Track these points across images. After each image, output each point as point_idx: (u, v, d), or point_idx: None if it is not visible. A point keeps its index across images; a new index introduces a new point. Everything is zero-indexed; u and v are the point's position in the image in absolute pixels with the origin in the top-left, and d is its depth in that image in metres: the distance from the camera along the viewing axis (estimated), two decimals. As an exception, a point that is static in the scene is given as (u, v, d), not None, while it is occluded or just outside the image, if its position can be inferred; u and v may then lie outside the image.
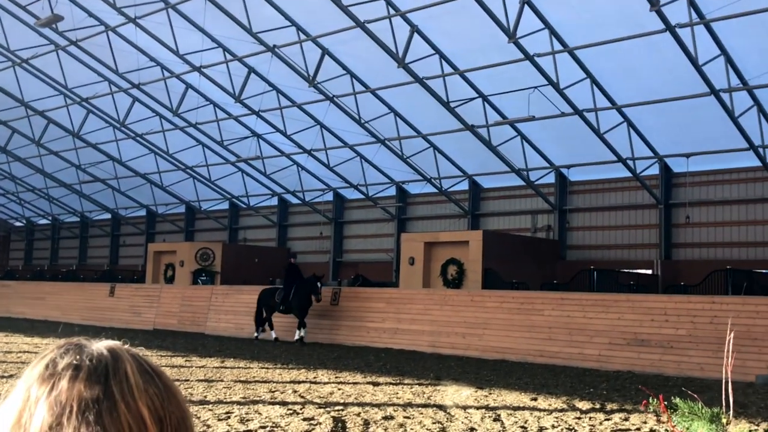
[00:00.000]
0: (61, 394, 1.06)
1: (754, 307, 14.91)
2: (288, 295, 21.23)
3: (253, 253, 35.59)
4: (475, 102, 25.22)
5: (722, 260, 24.13)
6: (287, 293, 21.26)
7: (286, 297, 21.23)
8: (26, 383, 1.09)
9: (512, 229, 30.23)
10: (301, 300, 20.99)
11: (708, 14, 18.46)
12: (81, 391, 1.06)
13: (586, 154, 26.67)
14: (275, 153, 33.07)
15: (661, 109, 23.05)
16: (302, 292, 21.05)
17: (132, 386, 1.09)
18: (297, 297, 21.03)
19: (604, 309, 16.69)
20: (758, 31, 19.05)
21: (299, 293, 21.01)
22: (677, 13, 18.36)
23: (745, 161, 24.35)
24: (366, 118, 27.88)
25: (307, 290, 21.01)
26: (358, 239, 35.76)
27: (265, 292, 22.46)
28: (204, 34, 26.20)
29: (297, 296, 21.04)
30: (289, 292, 21.24)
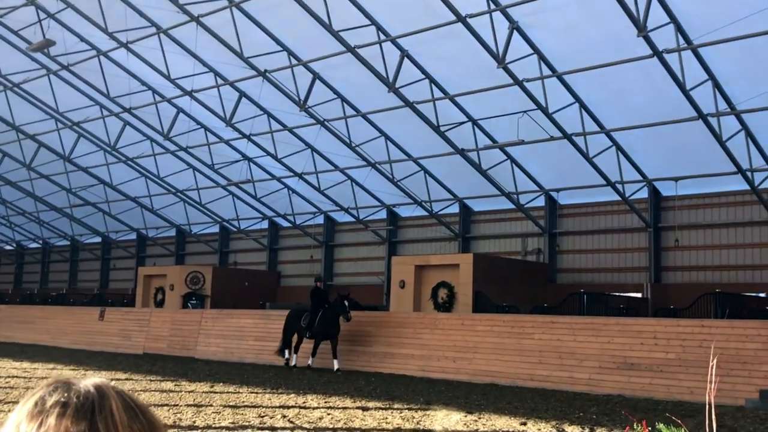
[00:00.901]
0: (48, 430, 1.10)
1: (742, 331, 14.96)
2: (313, 320, 20.45)
3: (244, 276, 35.50)
4: (465, 126, 25.37)
5: (711, 283, 24.23)
6: (312, 319, 20.50)
7: (311, 323, 20.48)
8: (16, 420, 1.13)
9: (502, 252, 30.28)
10: (326, 326, 20.05)
11: (695, 39, 18.68)
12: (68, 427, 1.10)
13: (575, 177, 26.81)
14: (266, 176, 33.09)
15: (650, 133, 23.23)
16: (329, 316, 20.09)
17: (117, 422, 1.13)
18: (322, 323, 20.18)
19: (594, 332, 16.72)
20: (745, 56, 19.29)
21: (325, 318, 20.15)
22: (665, 39, 18.58)
23: (733, 185, 24.53)
24: (357, 142, 27.98)
25: (334, 314, 20.07)
26: (348, 262, 35.71)
27: (292, 313, 21.53)
28: (195, 59, 26.30)
29: (322, 322, 20.18)
30: (314, 318, 20.45)
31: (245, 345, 23.95)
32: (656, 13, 18.01)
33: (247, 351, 23.73)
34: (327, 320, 20.06)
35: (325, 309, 20.39)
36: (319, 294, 21.26)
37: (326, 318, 20.10)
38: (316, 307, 20.62)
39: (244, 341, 24.06)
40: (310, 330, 20.41)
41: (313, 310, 20.61)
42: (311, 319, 20.44)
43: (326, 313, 20.19)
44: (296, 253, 37.63)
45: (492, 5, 19.67)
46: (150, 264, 41.84)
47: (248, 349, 23.73)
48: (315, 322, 20.29)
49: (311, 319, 20.44)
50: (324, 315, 20.18)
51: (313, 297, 21.13)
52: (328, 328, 20.08)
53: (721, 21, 17.57)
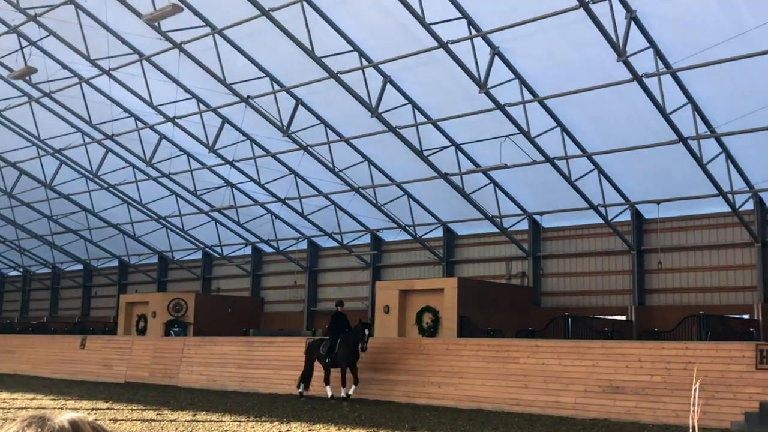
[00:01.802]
0: None
1: (727, 353, 15.01)
2: (333, 347, 19.39)
3: (227, 303, 35.32)
4: (448, 150, 25.47)
5: (695, 305, 24.34)
6: (332, 345, 19.43)
7: (331, 349, 19.40)
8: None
9: (487, 276, 30.31)
10: (347, 352, 19.05)
11: (674, 64, 18.91)
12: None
13: (558, 200, 26.95)
14: (249, 202, 33.00)
15: (631, 156, 23.41)
16: (351, 342, 19.08)
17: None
18: (343, 349, 19.14)
19: (579, 356, 16.71)
20: (723, 79, 19.53)
21: (347, 344, 19.11)
22: (644, 63, 18.79)
23: (714, 207, 24.73)
24: (340, 167, 28.01)
25: (354, 340, 19.06)
26: (332, 288, 35.60)
27: (312, 344, 20.46)
28: (178, 85, 26.27)
29: (343, 348, 19.15)
30: (334, 344, 19.41)
31: (228, 372, 23.75)
32: (635, 38, 18.24)
33: (230, 379, 23.52)
34: (349, 346, 19.03)
35: (346, 334, 19.37)
36: (339, 319, 20.04)
37: (348, 344, 19.09)
38: (336, 333, 19.59)
39: (227, 369, 23.86)
40: (330, 357, 19.30)
41: (333, 336, 19.59)
42: (331, 345, 19.39)
43: (347, 338, 19.17)
44: (279, 278, 37.47)
45: (473, 31, 19.86)
46: (132, 291, 41.50)
47: (231, 377, 23.52)
48: (336, 347, 19.26)
49: (331, 345, 19.39)
50: (345, 341, 19.16)
51: (334, 322, 20.04)
52: (351, 355, 19.06)
53: (699, 46, 17.81)
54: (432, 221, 30.93)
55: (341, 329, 19.60)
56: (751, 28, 17.13)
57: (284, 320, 35.79)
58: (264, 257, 38.60)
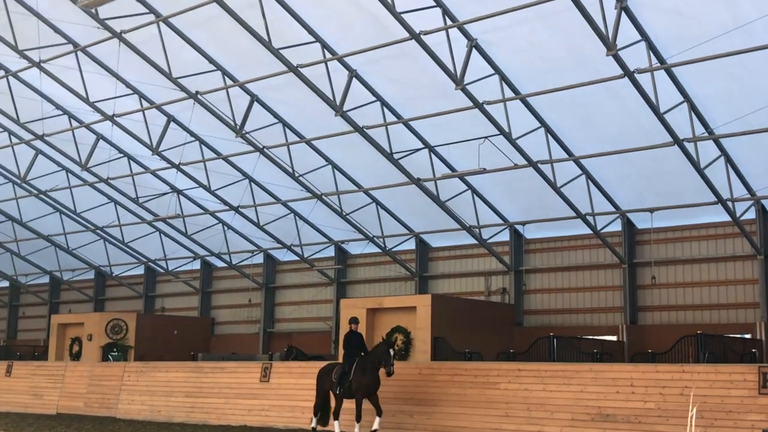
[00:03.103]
0: None
1: (727, 376, 15.18)
2: (347, 373, 17.89)
3: (172, 324, 35.12)
4: (420, 153, 25.57)
5: (692, 324, 24.63)
6: (346, 371, 17.96)
7: (344, 376, 17.92)
8: None
9: (464, 292, 30.42)
10: (362, 378, 17.60)
11: (669, 59, 19.18)
12: None
13: (542, 209, 27.16)
14: (198, 211, 32.84)
15: (622, 160, 23.69)
16: (367, 366, 17.63)
17: None
18: (359, 375, 17.71)
19: (565, 381, 16.84)
20: (722, 76, 19.83)
21: (364, 369, 17.68)
22: (636, 58, 19.03)
23: (713, 216, 25.09)
24: (300, 171, 27.98)
25: (374, 365, 17.59)
26: (291, 306, 35.50)
27: (323, 370, 18.97)
28: (117, 80, 26.11)
29: (359, 374, 17.72)
30: (348, 370, 17.92)
31: (174, 402, 23.57)
32: (626, 31, 18.47)
33: (176, 409, 23.35)
34: (366, 371, 17.51)
35: (362, 357, 17.93)
36: (353, 340, 18.38)
37: (364, 368, 17.56)
38: (351, 357, 18.07)
39: (173, 398, 23.68)
40: (342, 385, 17.87)
41: (347, 361, 18.07)
42: (344, 371, 17.91)
43: (363, 362, 17.71)
44: (232, 296, 37.30)
45: (448, 21, 19.99)
46: (65, 311, 41.14)
47: (178, 407, 23.35)
48: (350, 374, 17.77)
49: (344, 371, 17.91)
50: (361, 365, 17.69)
51: (347, 344, 18.34)
52: (370, 383, 17.56)
53: (696, 39, 18.09)
54: (403, 232, 30.99)
55: (356, 352, 18.12)
56: (752, 20, 17.44)
57: (237, 343, 35.60)
58: (215, 272, 38.39)
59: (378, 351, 17.80)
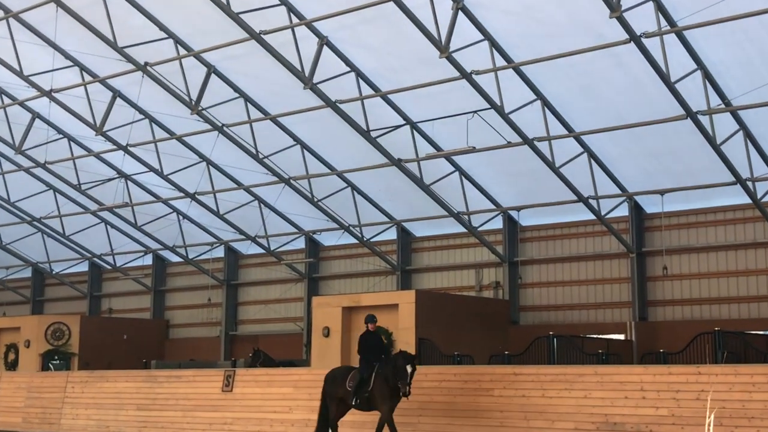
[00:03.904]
0: None
1: (749, 378, 15.29)
2: (366, 380, 17.01)
3: (121, 327, 35.02)
4: (401, 131, 25.52)
5: (709, 320, 24.78)
6: (364, 378, 17.04)
7: (363, 384, 17.02)
8: None
9: (452, 287, 30.46)
10: (385, 388, 16.70)
11: (680, 21, 19.21)
12: None
13: (539, 192, 27.20)
14: (149, 198, 32.69)
15: (629, 136, 23.74)
16: (389, 375, 16.69)
17: None
18: (380, 382, 16.81)
19: (567, 386, 16.90)
20: (739, 40, 19.91)
21: (385, 378, 16.76)
22: (643, 21, 19.04)
23: (731, 198, 25.22)
24: (265, 153, 27.88)
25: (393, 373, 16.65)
26: (257, 306, 35.42)
27: (331, 374, 18.06)
28: (56, 50, 25.91)
29: (380, 381, 16.82)
30: (368, 376, 17.01)
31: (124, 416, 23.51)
32: (632, -11, 18.51)
33: (127, 424, 23.29)
34: (389, 380, 16.65)
35: (382, 363, 17.03)
36: (372, 342, 17.49)
37: (387, 377, 16.72)
38: (369, 361, 17.15)
39: (123, 411, 23.61)
40: (358, 395, 16.99)
41: (365, 365, 17.18)
42: (362, 378, 17.05)
43: (385, 369, 16.83)
44: (189, 295, 37.19)
45: (431, -20, 19.95)
46: (-2, 314, 40.87)
47: (129, 422, 23.29)
48: (370, 382, 16.92)
49: (362, 378, 17.05)
50: (383, 373, 16.83)
51: (365, 346, 17.42)
52: (393, 394, 16.66)
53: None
54: (383, 220, 30.98)
55: (376, 356, 17.20)
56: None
57: (196, 348, 35.49)
58: (169, 268, 38.25)
59: (395, 363, 16.74)
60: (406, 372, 16.42)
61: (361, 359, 17.38)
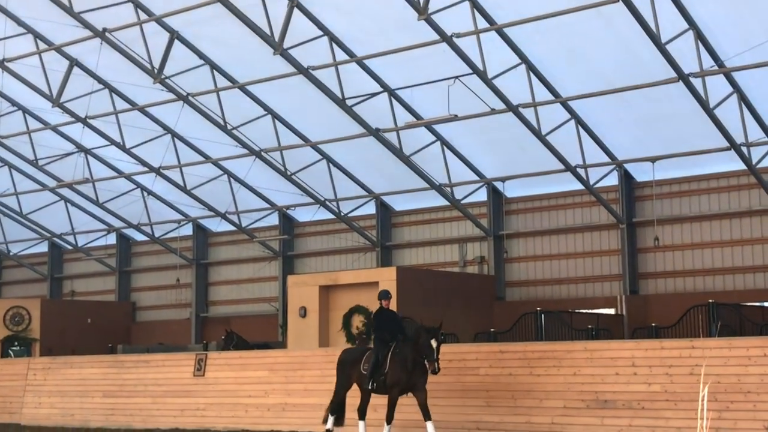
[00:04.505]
0: None
1: (744, 351, 15.46)
2: (382, 362, 16.41)
3: (85, 310, 34.94)
4: (379, 99, 25.51)
5: (702, 292, 25.02)
6: (380, 359, 16.43)
7: (378, 366, 16.42)
8: None
9: (435, 263, 30.57)
10: (401, 370, 16.09)
11: (669, -22, 19.31)
12: None
13: (525, 162, 27.28)
14: (111, 174, 32.58)
15: (618, 101, 23.83)
16: (408, 355, 16.07)
17: None
18: (396, 365, 16.21)
19: (555, 363, 17.06)
20: (733, -1, 20.05)
21: (403, 357, 16.15)
22: (631, -22, 19.12)
23: (725, 164, 25.38)
24: (234, 124, 27.81)
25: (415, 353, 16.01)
26: (229, 286, 35.43)
27: (345, 357, 17.44)
28: (7, 16, 25.73)
29: (396, 363, 16.22)
30: (383, 358, 16.43)
31: (90, 404, 23.53)
32: (620, -55, 18.55)
33: (93, 412, 23.32)
34: (407, 361, 16.09)
35: (400, 342, 16.48)
36: (386, 319, 16.92)
37: (404, 357, 16.17)
38: (384, 341, 16.63)
39: (89, 398, 23.63)
40: (374, 378, 16.41)
41: (380, 345, 16.64)
42: (378, 359, 16.48)
43: (402, 350, 16.29)
44: (157, 276, 37.15)
45: (408, -63, 19.91)
46: (-47, 300, 40.67)
47: (95, 409, 23.32)
48: (386, 364, 16.40)
49: (378, 359, 16.48)
50: (400, 354, 16.30)
51: (379, 324, 16.90)
52: (411, 375, 16.06)
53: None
54: (361, 194, 31.00)
55: (393, 334, 16.67)
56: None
57: (165, 331, 35.50)
58: (134, 248, 38.16)
59: (419, 341, 16.19)
60: (431, 348, 15.74)
61: (376, 339, 16.81)
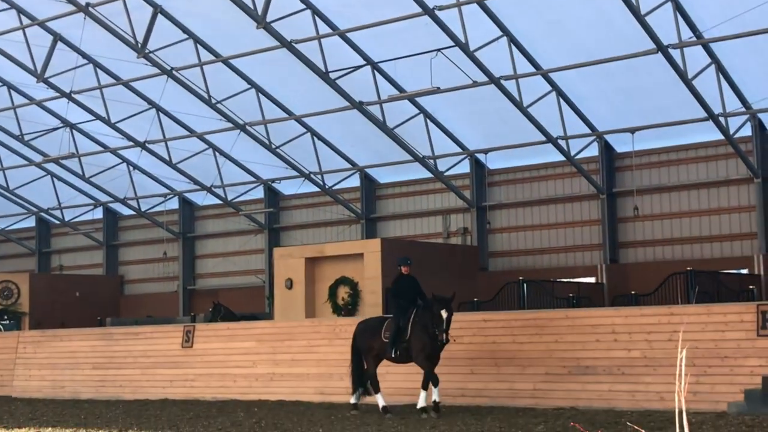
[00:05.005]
0: None
1: (722, 317, 15.65)
2: (403, 330, 16.02)
3: (74, 284, 34.93)
4: (362, 72, 25.50)
5: (681, 260, 25.26)
6: (401, 327, 16.03)
7: (400, 333, 16.01)
8: None
9: (419, 235, 30.69)
10: (424, 337, 15.72)
11: (648, -49, 19.34)
12: None
13: (507, 134, 27.39)
14: (96, 148, 32.52)
15: (599, 73, 23.92)
16: (428, 322, 15.69)
17: None
18: (418, 331, 15.86)
19: (537, 331, 17.22)
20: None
21: (424, 325, 15.79)
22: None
23: (703, 134, 25.54)
24: (218, 97, 27.77)
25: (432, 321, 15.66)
26: (216, 259, 35.48)
27: (363, 326, 17.13)
28: (-9, -9, 25.61)
29: (418, 330, 15.87)
30: (405, 325, 16.04)
31: (80, 376, 23.60)
32: None
33: (83, 384, 23.39)
34: (427, 328, 15.69)
35: (420, 308, 16.02)
36: (407, 286, 16.47)
37: (426, 325, 15.74)
38: (404, 308, 16.18)
39: (79, 371, 23.70)
40: (397, 345, 15.99)
41: (400, 313, 16.20)
42: (399, 327, 16.05)
43: (423, 316, 15.86)
44: (144, 249, 37.17)
45: None
46: (-59, 275, 40.59)
47: (85, 381, 23.39)
48: (407, 330, 16.01)
49: (399, 327, 16.05)
50: (421, 321, 15.87)
51: (399, 291, 16.50)
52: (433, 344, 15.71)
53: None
54: (345, 167, 31.05)
55: (413, 301, 16.20)
56: None
57: (152, 304, 35.54)
58: (121, 222, 38.13)
59: (432, 310, 15.71)
60: (441, 318, 15.45)
61: (396, 306, 16.48)
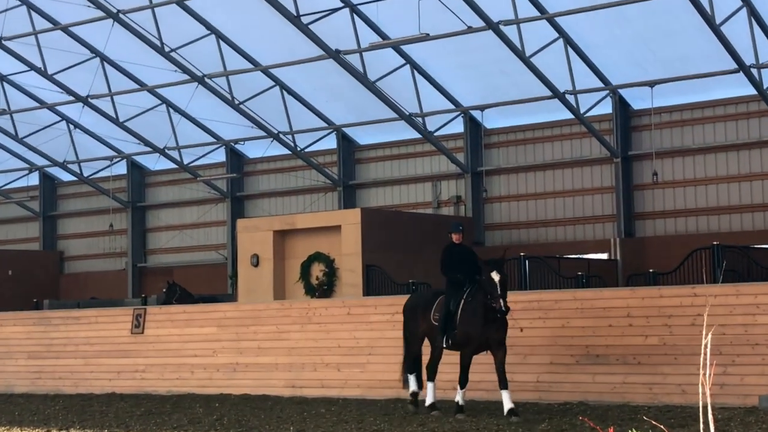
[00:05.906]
0: None
1: (752, 299, 15.69)
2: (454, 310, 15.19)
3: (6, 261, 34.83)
4: (339, 15, 25.34)
5: (706, 234, 25.25)
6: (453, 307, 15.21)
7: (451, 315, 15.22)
8: None
9: (405, 204, 30.64)
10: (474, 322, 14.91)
11: None
12: None
13: (507, 88, 27.29)
14: (31, 104, 32.33)
15: (612, 17, 23.84)
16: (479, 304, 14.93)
17: None
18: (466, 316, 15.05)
19: (541, 314, 17.23)
20: None
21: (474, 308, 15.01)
22: None
23: (733, 89, 25.52)
24: (172, 45, 27.58)
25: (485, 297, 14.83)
26: (170, 232, 35.37)
27: (413, 303, 16.44)
28: None
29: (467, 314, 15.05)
30: (455, 308, 15.19)
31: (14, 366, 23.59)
32: None
33: (17, 375, 23.38)
34: (476, 310, 14.93)
35: (474, 287, 15.24)
36: (460, 256, 15.72)
37: (475, 306, 15.00)
38: (456, 285, 15.41)
39: (12, 361, 23.69)
40: (448, 332, 15.22)
41: (452, 290, 15.42)
42: (450, 308, 15.22)
43: (476, 296, 15.11)
44: (87, 221, 37.04)
45: None
46: None
47: (19, 373, 23.38)
48: (458, 310, 15.17)
49: (450, 308, 15.22)
50: (472, 300, 15.12)
51: (450, 263, 15.64)
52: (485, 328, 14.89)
53: None
54: (320, 125, 30.94)
55: (468, 274, 15.36)
56: None
57: (97, 284, 35.45)
58: (60, 189, 37.99)
59: (482, 277, 15.00)
60: (494, 282, 14.69)
61: (448, 282, 15.65)
